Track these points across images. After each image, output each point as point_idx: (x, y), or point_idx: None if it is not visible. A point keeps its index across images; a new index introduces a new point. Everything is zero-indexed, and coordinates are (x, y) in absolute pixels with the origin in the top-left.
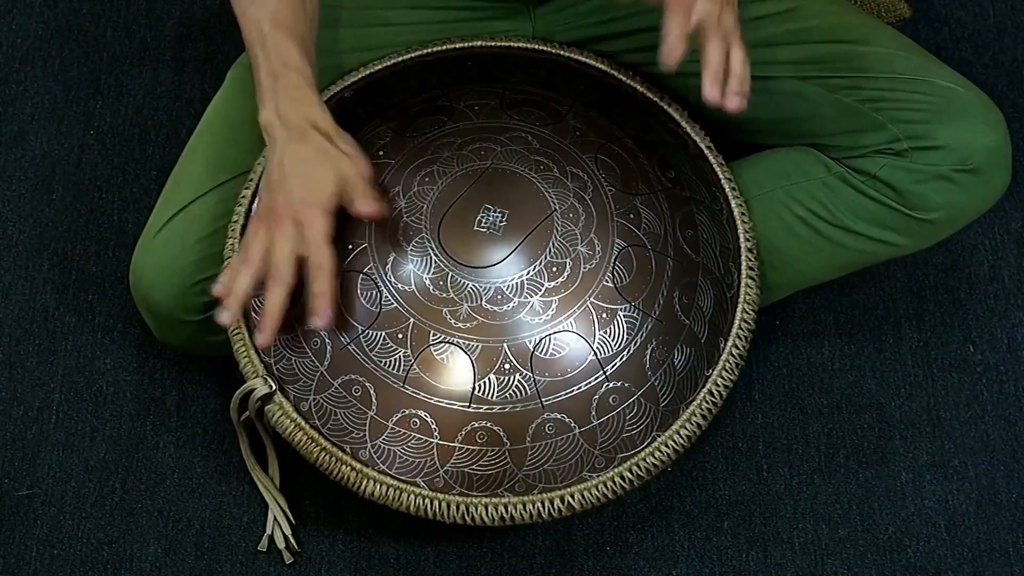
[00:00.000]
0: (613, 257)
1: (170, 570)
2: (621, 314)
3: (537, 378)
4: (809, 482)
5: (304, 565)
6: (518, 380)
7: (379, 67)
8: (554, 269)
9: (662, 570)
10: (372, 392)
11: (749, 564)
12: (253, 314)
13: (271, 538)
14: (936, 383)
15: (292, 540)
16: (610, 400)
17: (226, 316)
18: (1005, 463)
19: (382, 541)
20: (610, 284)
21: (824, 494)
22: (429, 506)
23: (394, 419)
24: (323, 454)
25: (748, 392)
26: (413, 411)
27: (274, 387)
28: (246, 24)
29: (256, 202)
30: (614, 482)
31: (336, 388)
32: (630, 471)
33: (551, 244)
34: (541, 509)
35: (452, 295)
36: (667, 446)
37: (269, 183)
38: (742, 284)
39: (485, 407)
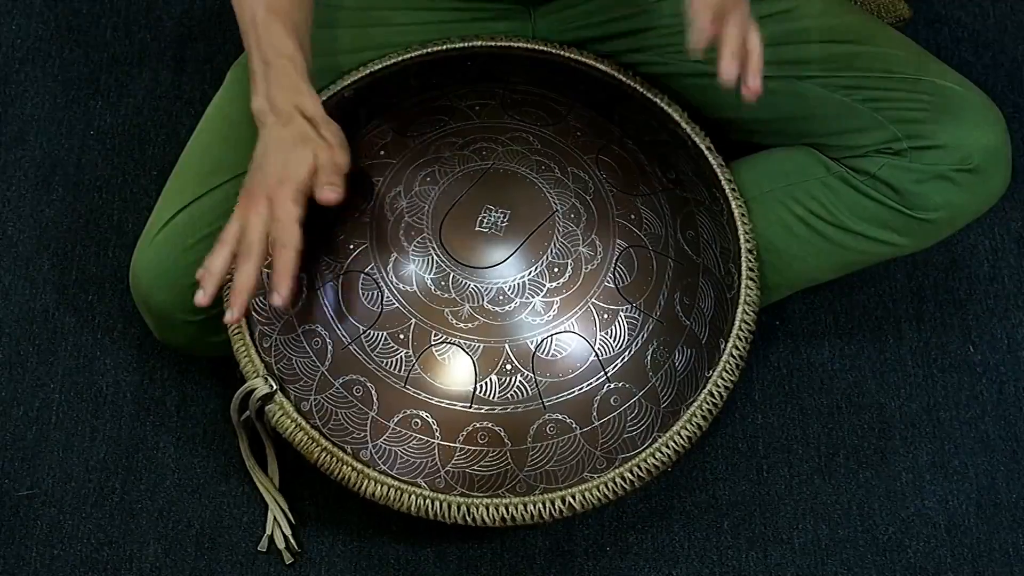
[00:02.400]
0: (614, 258)
1: (170, 570)
2: (622, 315)
3: (538, 379)
4: (809, 482)
5: (304, 565)
6: (519, 381)
7: (379, 67)
8: (555, 270)
9: (662, 570)
10: (373, 392)
11: (749, 564)
12: (254, 313)
13: (271, 538)
14: (936, 383)
15: (292, 540)
16: (611, 401)
17: (200, 296)
18: (1005, 463)
19: (382, 541)
20: (611, 285)
21: (824, 494)
22: (430, 507)
23: (395, 419)
24: (324, 454)
25: (748, 392)
26: (414, 411)
27: (275, 387)
28: (241, 10)
29: (247, 177)
30: (615, 483)
31: (337, 388)
32: (631, 472)
33: (552, 245)
34: (542, 510)
35: (454, 295)
36: (668, 447)
37: (251, 165)
38: (742, 285)
39: (486, 408)
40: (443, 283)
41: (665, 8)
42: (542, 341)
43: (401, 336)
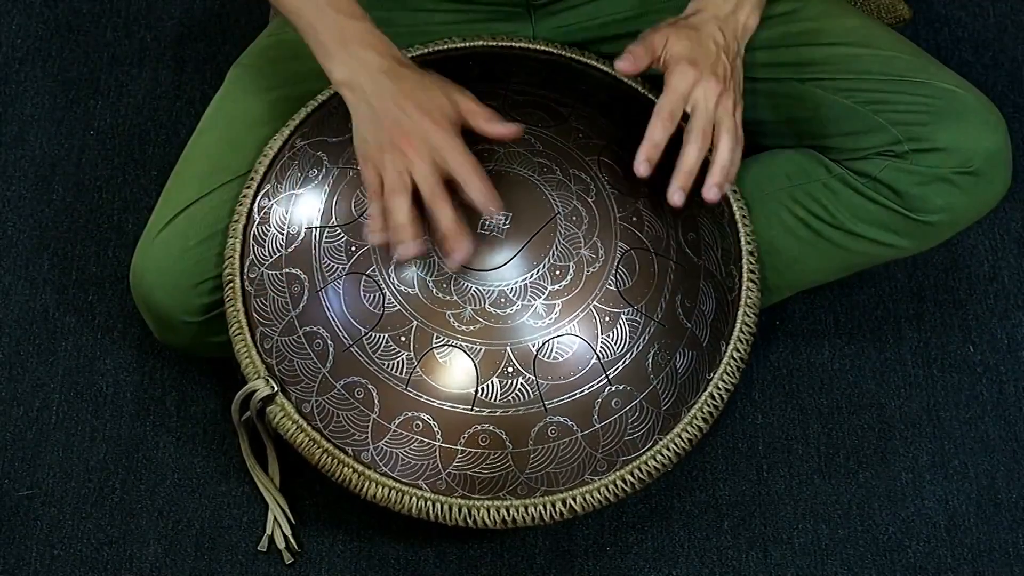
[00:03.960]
0: (616, 260)
1: (170, 570)
2: (624, 318)
3: (540, 381)
4: (809, 482)
5: (304, 565)
6: (521, 383)
7: None
8: (557, 272)
9: (662, 570)
10: (375, 394)
11: (749, 564)
12: (255, 315)
13: (271, 538)
14: (936, 383)
15: (292, 540)
16: (612, 403)
17: (411, 247)
18: (1005, 463)
19: (382, 541)
20: (613, 288)
21: (824, 494)
22: (431, 509)
23: (396, 421)
24: (325, 456)
25: (748, 393)
26: (416, 413)
27: (276, 388)
28: None
29: (359, 144)
30: (616, 485)
31: (338, 390)
32: (632, 474)
33: (554, 247)
34: (543, 512)
35: (455, 298)
36: (669, 449)
37: (379, 117)
38: (743, 287)
39: (488, 410)
40: (445, 285)
41: (666, 9)
42: (543, 344)
43: (402, 338)
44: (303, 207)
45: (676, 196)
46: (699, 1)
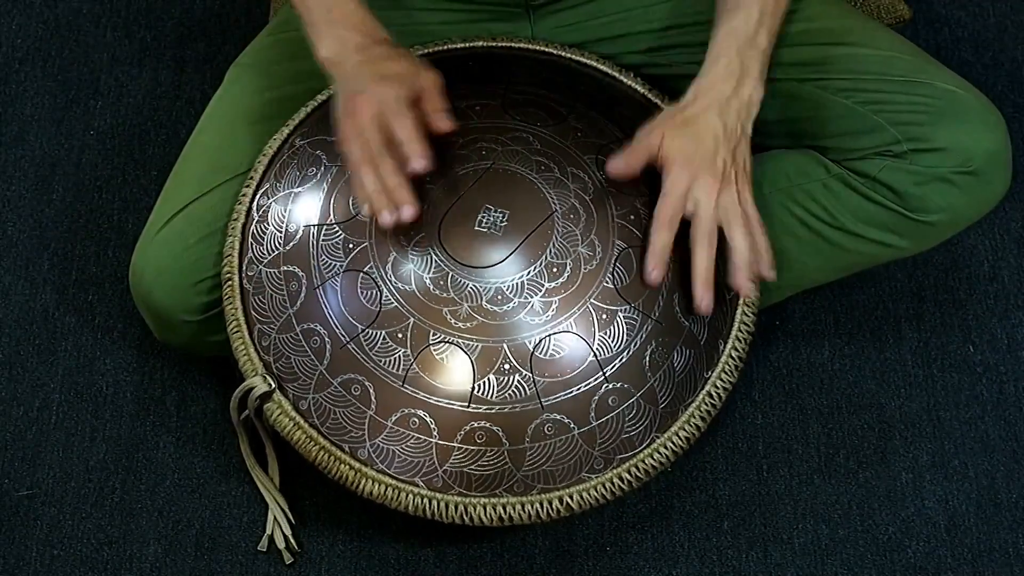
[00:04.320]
0: (613, 258)
1: (170, 570)
2: (621, 315)
3: (537, 379)
4: (809, 482)
5: (304, 565)
6: (518, 380)
7: None
8: (554, 270)
9: (662, 570)
10: (371, 391)
11: (749, 564)
12: (252, 312)
13: (271, 538)
14: (936, 383)
15: (292, 540)
16: (609, 401)
17: (387, 215)
18: (1005, 463)
19: (382, 541)
20: (610, 285)
21: (824, 494)
22: (428, 506)
23: (393, 418)
24: (322, 453)
25: (748, 393)
26: (412, 411)
27: (273, 385)
28: None
29: (334, 121)
30: (613, 483)
31: (335, 387)
32: (629, 472)
33: (551, 245)
34: (540, 510)
35: (452, 295)
36: (666, 447)
37: (340, 96)
38: None
39: (484, 407)
40: (442, 282)
41: (666, 9)
42: (540, 341)
43: (399, 335)
44: (302, 205)
45: (704, 304)
46: (699, 85)
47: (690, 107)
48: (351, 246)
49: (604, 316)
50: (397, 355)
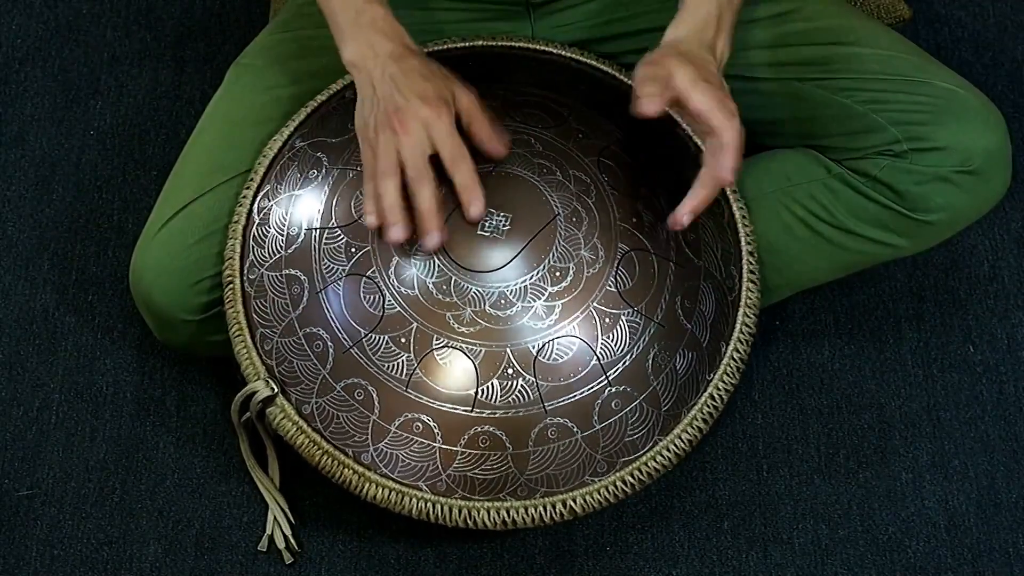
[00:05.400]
0: (616, 261)
1: (170, 570)
2: (624, 319)
3: (540, 383)
4: (809, 482)
5: (304, 565)
6: (521, 385)
7: None
8: (557, 274)
9: (662, 570)
10: (375, 396)
11: (749, 564)
12: (255, 316)
13: (271, 538)
14: (936, 383)
15: (292, 540)
16: (612, 405)
17: (398, 231)
18: (1005, 463)
19: (382, 541)
20: (613, 289)
21: (824, 494)
22: (431, 510)
23: (397, 423)
24: (325, 457)
25: (748, 393)
26: (416, 415)
27: (276, 390)
28: None
29: (359, 125)
30: (616, 486)
31: (338, 391)
32: (632, 475)
33: (554, 248)
34: (543, 513)
35: (455, 299)
36: (669, 450)
37: (372, 102)
38: (743, 288)
39: (488, 411)
40: (445, 287)
41: (666, 10)
42: (544, 345)
43: (402, 340)
44: (303, 208)
45: (686, 219)
46: (677, 30)
47: (682, 44)
48: (353, 250)
49: (607, 320)
50: (400, 360)
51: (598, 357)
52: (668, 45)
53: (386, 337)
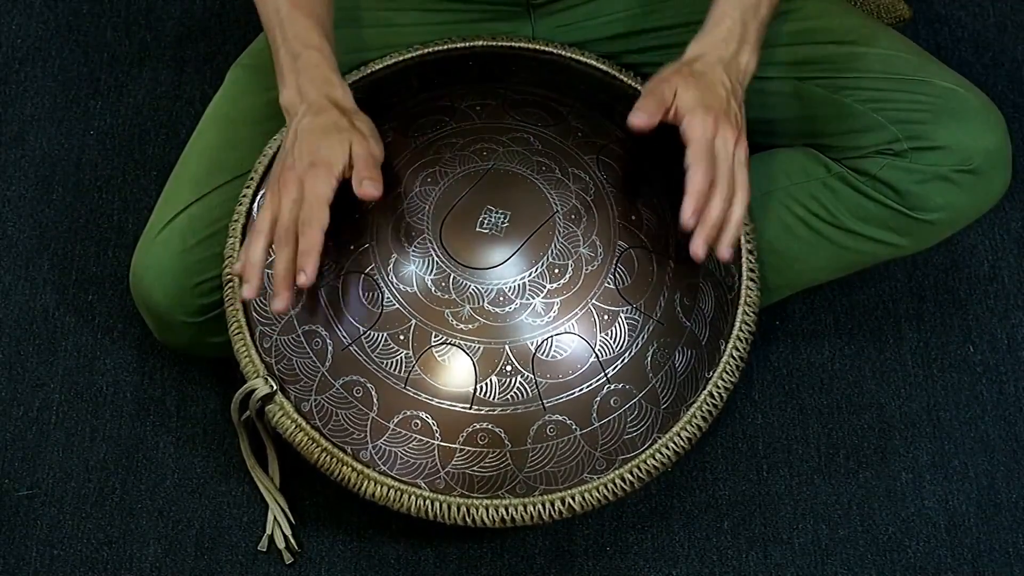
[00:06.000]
0: (615, 259)
1: (170, 570)
2: (623, 316)
3: (538, 380)
4: (809, 482)
5: (304, 565)
6: (519, 382)
7: (380, 67)
8: (556, 271)
9: (662, 570)
10: (373, 393)
11: (749, 564)
12: (254, 314)
13: (271, 538)
14: (936, 383)
15: (292, 540)
16: (611, 402)
17: (247, 290)
18: (1005, 463)
19: (382, 541)
20: (612, 286)
21: (824, 494)
22: (430, 507)
23: (395, 420)
24: (324, 455)
25: (748, 392)
26: (414, 412)
27: (275, 387)
28: (264, 5)
29: (272, 172)
30: (615, 484)
31: (337, 389)
32: (631, 473)
33: (553, 246)
34: (542, 511)
35: (454, 296)
36: (668, 448)
37: (281, 153)
38: (743, 286)
39: (486, 409)
40: (443, 284)
41: (666, 9)
42: (542, 342)
43: (401, 337)
44: None
45: (701, 250)
46: (700, 44)
47: (696, 62)
48: (352, 247)
49: (606, 317)
50: (399, 357)
51: (597, 354)
52: (686, 62)
53: (385, 334)
